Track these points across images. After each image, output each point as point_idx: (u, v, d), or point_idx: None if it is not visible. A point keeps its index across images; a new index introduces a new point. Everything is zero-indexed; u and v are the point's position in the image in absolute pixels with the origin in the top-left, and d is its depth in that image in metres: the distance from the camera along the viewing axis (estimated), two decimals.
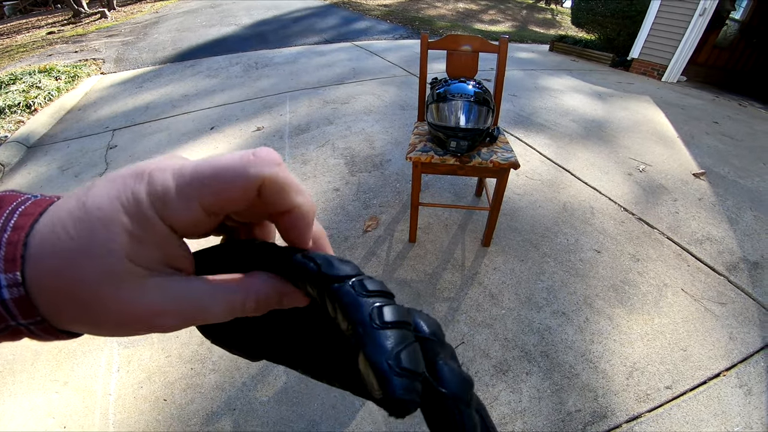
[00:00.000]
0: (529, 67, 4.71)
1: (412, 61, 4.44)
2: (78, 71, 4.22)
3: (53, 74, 3.99)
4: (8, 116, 3.06)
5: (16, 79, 3.77)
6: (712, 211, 2.04)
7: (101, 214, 0.13)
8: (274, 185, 0.15)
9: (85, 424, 1.10)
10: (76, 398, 1.17)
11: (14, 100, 3.24)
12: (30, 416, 1.12)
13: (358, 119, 2.88)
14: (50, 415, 1.12)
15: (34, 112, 3.18)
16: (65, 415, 1.12)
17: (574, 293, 1.50)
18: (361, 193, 2.05)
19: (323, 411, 1.12)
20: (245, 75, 4.03)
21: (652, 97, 3.89)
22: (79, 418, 1.12)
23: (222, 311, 0.16)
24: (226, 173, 0.14)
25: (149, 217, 0.13)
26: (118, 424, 1.10)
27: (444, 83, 1.42)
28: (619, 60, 5.26)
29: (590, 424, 1.10)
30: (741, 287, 1.57)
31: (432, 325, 0.16)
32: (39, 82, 3.70)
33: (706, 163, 2.55)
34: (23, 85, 3.60)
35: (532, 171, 2.30)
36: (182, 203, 0.14)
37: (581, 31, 6.78)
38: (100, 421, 1.11)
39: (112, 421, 1.11)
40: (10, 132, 2.83)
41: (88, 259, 0.13)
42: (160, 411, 1.13)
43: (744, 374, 1.24)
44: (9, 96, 3.33)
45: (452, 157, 1.36)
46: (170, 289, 0.14)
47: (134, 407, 1.14)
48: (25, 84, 3.63)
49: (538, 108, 3.29)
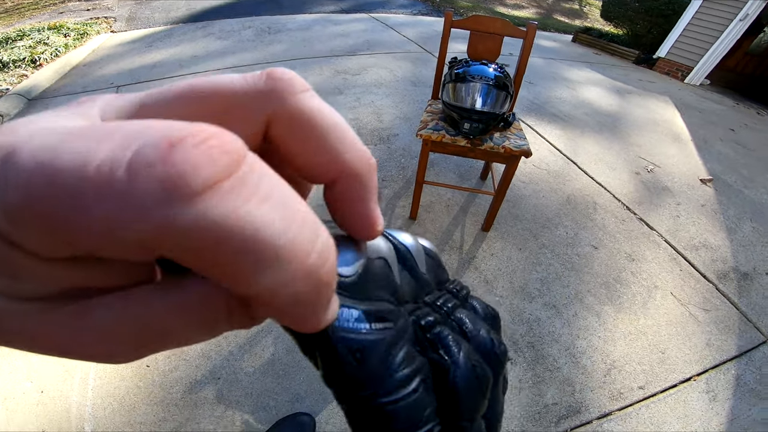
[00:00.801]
0: (548, 56, 4.57)
1: (429, 39, 4.30)
2: (88, 29, 4.12)
3: (62, 31, 3.89)
4: (12, 70, 3.01)
5: (24, 35, 3.68)
6: (713, 218, 2.03)
7: None
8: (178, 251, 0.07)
9: (64, 389, 1.08)
10: (55, 361, 1.14)
11: (19, 55, 3.18)
12: (8, 380, 1.09)
13: (368, 91, 2.82)
14: (29, 378, 1.10)
15: (39, 67, 3.12)
16: (44, 379, 1.10)
17: (567, 287, 1.52)
18: None
19: (308, 385, 1.13)
20: (257, 39, 3.92)
21: (672, 97, 3.80)
22: (57, 383, 1.09)
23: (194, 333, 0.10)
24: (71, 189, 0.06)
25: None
26: (97, 389, 1.08)
27: (464, 64, 1.39)
28: (644, 57, 5.12)
29: (564, 418, 1.13)
30: (728, 296, 1.58)
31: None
32: (47, 39, 3.61)
33: (715, 169, 2.52)
34: (30, 42, 3.52)
35: (540, 160, 2.28)
36: (12, 227, 0.07)
37: (608, 25, 6.60)
38: (79, 386, 1.09)
39: (92, 386, 1.09)
40: (12, 85, 2.78)
41: None
42: (142, 377, 1.12)
43: (713, 380, 1.27)
44: (14, 51, 3.27)
45: (464, 138, 1.34)
46: (85, 321, 0.09)
47: (115, 373, 1.13)
48: (32, 40, 3.55)
49: (553, 98, 3.22)
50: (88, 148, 0.06)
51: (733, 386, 1.26)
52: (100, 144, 0.06)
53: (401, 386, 0.11)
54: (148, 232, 0.06)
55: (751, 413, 1.19)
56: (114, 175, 0.06)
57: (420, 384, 0.12)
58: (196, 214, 0.06)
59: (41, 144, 0.07)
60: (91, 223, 0.06)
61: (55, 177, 0.06)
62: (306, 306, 0.08)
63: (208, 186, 0.06)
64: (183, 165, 0.06)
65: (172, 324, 0.09)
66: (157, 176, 0.06)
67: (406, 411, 0.11)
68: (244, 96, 0.09)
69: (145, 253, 0.07)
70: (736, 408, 1.20)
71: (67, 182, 0.06)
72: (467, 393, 0.13)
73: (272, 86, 0.09)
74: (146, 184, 0.06)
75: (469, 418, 0.13)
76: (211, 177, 0.06)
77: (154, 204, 0.06)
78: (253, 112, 0.09)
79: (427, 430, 0.12)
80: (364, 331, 0.11)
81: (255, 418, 1.06)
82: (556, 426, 1.10)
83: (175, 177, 0.06)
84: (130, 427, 1.02)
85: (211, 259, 0.07)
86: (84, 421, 1.02)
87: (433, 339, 0.13)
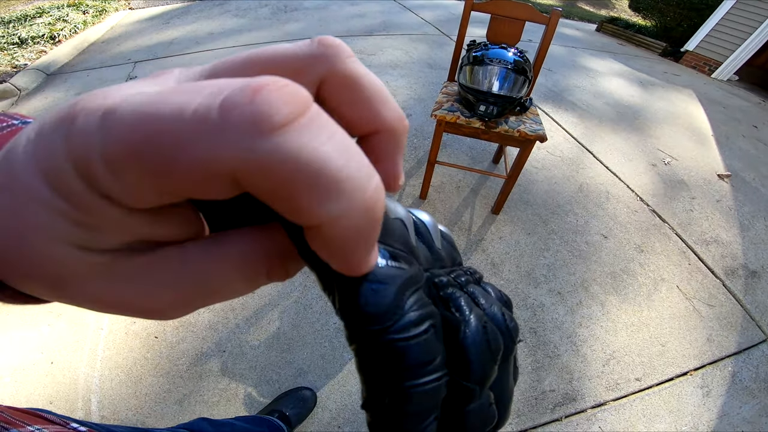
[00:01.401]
0: (570, 44, 4.44)
1: (447, 22, 4.21)
2: (106, 5, 4.12)
3: (81, 8, 3.90)
4: (30, 46, 3.03)
5: (44, 12, 3.69)
6: (727, 214, 2.00)
7: (21, 183, 0.08)
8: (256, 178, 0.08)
9: (74, 360, 1.09)
10: (67, 331, 1.16)
11: (38, 32, 3.20)
12: (19, 350, 1.11)
13: (383, 72, 2.80)
14: (40, 349, 1.11)
15: (57, 44, 3.14)
16: (54, 350, 1.11)
17: (573, 274, 1.52)
18: None
19: (312, 361, 1.15)
20: (273, 17, 3.88)
21: (696, 91, 3.68)
22: (68, 353, 1.11)
23: (239, 286, 0.11)
24: (172, 132, 0.07)
25: (78, 192, 0.08)
26: (105, 360, 1.10)
27: (483, 47, 1.37)
28: (671, 50, 4.95)
29: (560, 406, 1.14)
30: (733, 292, 1.57)
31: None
32: (66, 16, 3.63)
33: (734, 165, 2.45)
34: (50, 18, 3.54)
35: (554, 147, 2.25)
36: (114, 178, 0.08)
37: (636, 16, 6.40)
38: (88, 356, 1.11)
39: (101, 357, 1.11)
40: (31, 61, 2.81)
41: (20, 238, 0.09)
42: (150, 348, 1.14)
43: (709, 376, 1.28)
44: (33, 28, 3.29)
45: (478, 120, 1.34)
46: (152, 275, 0.10)
47: (124, 343, 1.14)
48: (51, 17, 3.57)
49: (572, 86, 3.15)
50: (182, 100, 0.08)
51: (728, 383, 1.26)
52: (192, 96, 0.08)
53: (413, 325, 0.11)
54: (238, 163, 0.07)
55: (741, 411, 1.20)
56: (209, 116, 0.07)
57: (431, 328, 0.12)
58: (277, 144, 0.07)
59: (139, 101, 0.08)
60: (191, 159, 0.07)
61: (157, 124, 0.07)
62: (358, 242, 0.09)
63: (286, 122, 0.07)
64: (266, 104, 0.07)
65: (220, 273, 0.11)
66: (246, 113, 0.07)
67: (416, 350, 0.11)
68: (300, 60, 0.10)
69: (229, 187, 0.08)
70: (728, 405, 1.20)
71: (168, 127, 0.07)
72: (477, 353, 0.13)
73: (323, 51, 0.11)
74: (237, 120, 0.07)
75: (478, 381, 0.13)
76: (288, 115, 0.08)
77: (244, 136, 0.07)
78: (308, 74, 0.10)
79: (437, 377, 0.12)
80: (381, 265, 0.11)
81: (258, 391, 1.08)
82: (551, 412, 1.12)
83: (259, 113, 0.07)
84: (136, 399, 1.04)
85: (285, 188, 0.08)
86: (91, 393, 1.04)
87: (446, 298, 0.14)
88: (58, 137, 0.08)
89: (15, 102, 2.36)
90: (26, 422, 0.28)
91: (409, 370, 0.11)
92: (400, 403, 0.11)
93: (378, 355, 0.11)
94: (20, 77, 2.54)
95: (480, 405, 0.13)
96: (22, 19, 3.50)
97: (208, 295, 0.11)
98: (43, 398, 1.02)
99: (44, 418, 0.31)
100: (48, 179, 0.08)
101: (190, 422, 0.62)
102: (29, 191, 0.08)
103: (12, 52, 2.87)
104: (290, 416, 0.97)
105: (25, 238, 0.09)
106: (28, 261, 0.09)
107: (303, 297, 1.32)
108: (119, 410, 1.02)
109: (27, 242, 0.09)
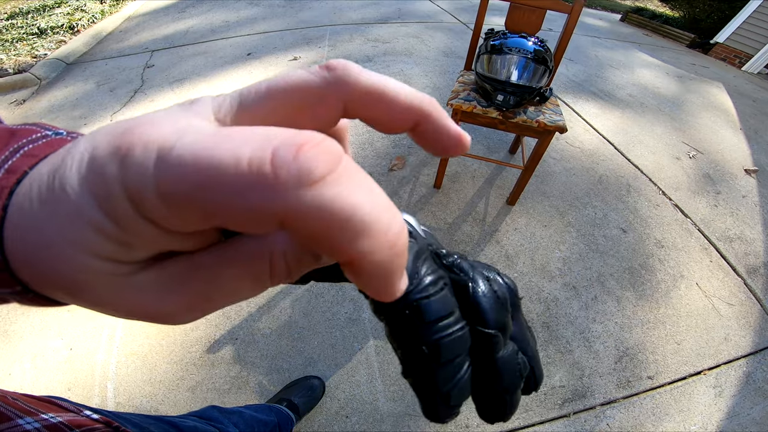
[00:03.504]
0: (593, 34, 4.29)
1: (464, 10, 4.11)
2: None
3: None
4: (50, 36, 3.08)
5: (62, 2, 3.76)
6: (752, 210, 1.91)
7: (68, 201, 0.09)
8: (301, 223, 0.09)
9: (91, 347, 1.11)
10: (86, 318, 1.18)
11: (57, 22, 3.25)
12: (39, 336, 1.13)
13: (397, 60, 2.75)
14: (60, 336, 1.13)
15: (76, 33, 3.19)
16: (73, 336, 1.13)
17: (589, 269, 1.48)
18: None
19: (322, 350, 1.16)
20: (288, 5, 3.86)
21: (726, 84, 3.51)
22: (86, 339, 1.13)
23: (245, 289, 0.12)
24: (230, 181, 0.08)
25: (126, 215, 0.09)
26: (122, 347, 1.12)
27: (501, 36, 1.33)
28: (699, 42, 4.75)
29: (569, 401, 1.12)
30: (754, 291, 1.51)
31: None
32: (84, 6, 3.68)
33: (762, 160, 2.34)
34: (68, 8, 3.60)
35: (574, 138, 2.18)
36: (166, 209, 0.09)
37: (664, 6, 6.19)
38: (106, 343, 1.13)
39: (118, 344, 1.13)
40: (51, 50, 2.86)
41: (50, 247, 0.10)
42: (165, 336, 1.15)
43: (723, 376, 1.24)
44: (53, 18, 3.35)
45: (496, 110, 1.30)
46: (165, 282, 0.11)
47: (141, 330, 1.16)
48: (70, 7, 3.63)
49: (594, 76, 3.04)
50: (234, 147, 0.09)
51: (741, 383, 1.22)
52: (243, 146, 0.09)
53: (431, 285, 0.13)
54: (286, 211, 0.08)
55: (752, 411, 1.16)
56: (262, 170, 0.08)
57: (444, 286, 0.14)
58: (316, 196, 0.08)
59: (194, 143, 0.09)
60: (245, 206, 0.08)
61: (216, 172, 0.08)
62: (386, 273, 0.10)
63: (323, 176, 0.09)
64: (308, 162, 0.08)
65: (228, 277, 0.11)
66: (293, 170, 0.08)
67: (437, 305, 0.13)
68: (318, 90, 0.11)
69: (273, 228, 0.09)
70: (739, 405, 1.17)
71: (226, 178, 0.08)
72: (489, 302, 0.14)
73: (336, 77, 0.11)
74: (286, 176, 0.08)
75: (497, 327, 0.14)
76: (324, 170, 0.09)
77: (291, 189, 0.08)
78: (331, 100, 0.12)
79: (460, 326, 0.13)
80: None
81: (268, 379, 1.09)
82: (560, 408, 1.11)
83: (304, 170, 0.08)
84: (151, 386, 1.06)
85: (322, 231, 0.09)
86: (107, 380, 1.06)
87: (449, 265, 0.15)
88: (114, 166, 0.09)
89: (35, 91, 2.41)
90: (41, 410, 0.28)
91: (435, 323, 0.13)
92: (435, 356, 0.13)
93: (407, 316, 0.13)
94: (40, 67, 2.58)
95: (508, 354, 0.15)
96: (41, 10, 3.57)
97: (216, 299, 0.12)
98: (62, 384, 1.04)
99: (59, 406, 0.32)
100: (98, 201, 0.09)
101: (201, 410, 0.63)
102: (79, 210, 0.09)
103: (32, 42, 2.92)
104: (299, 405, 0.98)
105: (63, 252, 0.10)
106: (60, 271, 0.10)
107: (315, 285, 1.32)
108: (134, 396, 1.04)
109: (65, 255, 0.10)
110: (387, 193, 1.34)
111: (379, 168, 1.79)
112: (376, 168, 1.79)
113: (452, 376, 0.13)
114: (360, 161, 1.82)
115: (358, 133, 1.98)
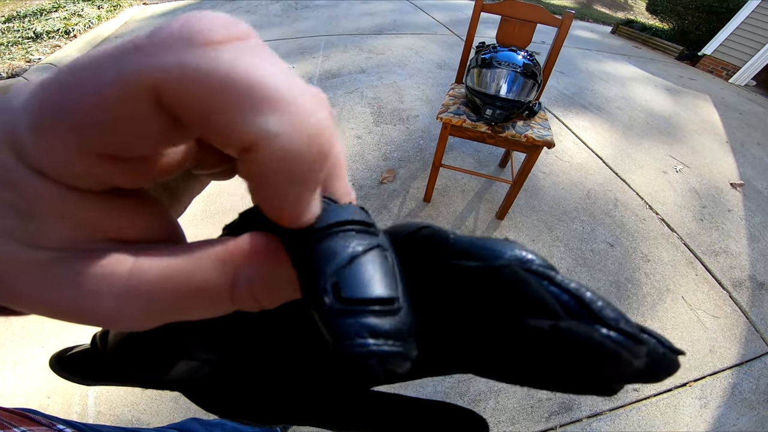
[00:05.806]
0: (584, 46, 4.37)
1: (459, 22, 4.17)
2: (120, 1, 4.19)
3: (96, 3, 3.98)
4: (45, 41, 3.08)
5: (59, 6, 3.77)
6: (738, 224, 1.95)
7: None
8: (183, 90, 0.07)
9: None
10: (68, 325, 1.12)
11: (53, 27, 3.25)
12: (21, 344, 1.12)
13: (391, 71, 2.78)
14: (40, 343, 1.12)
15: (72, 39, 3.19)
16: (55, 344, 1.11)
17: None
18: (382, 144, 2.04)
19: None
20: (284, 14, 3.89)
21: (712, 96, 3.59)
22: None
23: (196, 309, 0.09)
24: (82, 79, 0.07)
25: (9, 167, 0.08)
26: None
27: (492, 49, 1.35)
28: (687, 54, 4.86)
29: (555, 414, 1.12)
30: (739, 304, 1.54)
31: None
32: (81, 11, 3.69)
33: (747, 174, 2.39)
34: (65, 13, 3.61)
35: (563, 152, 2.21)
36: (35, 139, 0.08)
37: (653, 19, 6.35)
38: None
39: None
40: (45, 55, 2.85)
41: None
42: None
43: (708, 387, 1.25)
44: (49, 22, 3.35)
45: (485, 124, 1.32)
46: (90, 279, 0.09)
47: None
48: (67, 12, 3.64)
49: (584, 89, 3.10)
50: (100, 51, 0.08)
51: (727, 395, 1.24)
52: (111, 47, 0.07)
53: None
54: (162, 75, 0.07)
55: (738, 422, 1.17)
56: (134, 42, 0.07)
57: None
58: (210, 57, 0.07)
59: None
60: (106, 82, 0.07)
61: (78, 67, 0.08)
62: (296, 173, 0.08)
63: (222, 40, 0.07)
64: (199, 24, 0.07)
65: (170, 291, 0.09)
66: (175, 30, 0.07)
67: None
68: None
69: (154, 115, 0.07)
70: (724, 416, 1.18)
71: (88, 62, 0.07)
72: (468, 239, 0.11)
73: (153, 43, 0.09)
74: (165, 35, 0.07)
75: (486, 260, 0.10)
76: (222, 36, 0.07)
77: (170, 49, 0.07)
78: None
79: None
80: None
81: None
82: (546, 421, 1.11)
83: (192, 30, 0.07)
84: (132, 395, 1.04)
85: (213, 100, 0.07)
86: (88, 389, 1.04)
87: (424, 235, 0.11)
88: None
89: None
90: (13, 423, 0.28)
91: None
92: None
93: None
94: (33, 72, 2.58)
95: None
96: (38, 14, 3.56)
97: (159, 313, 0.09)
98: (42, 392, 1.02)
99: (31, 419, 0.31)
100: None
101: (181, 422, 0.61)
102: None
103: (27, 47, 2.92)
104: None
105: None
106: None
107: None
108: (115, 406, 1.02)
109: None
110: (377, 206, 1.35)
111: (369, 181, 1.80)
112: (367, 181, 1.80)
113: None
114: (350, 174, 1.84)
115: (349, 145, 1.99)
